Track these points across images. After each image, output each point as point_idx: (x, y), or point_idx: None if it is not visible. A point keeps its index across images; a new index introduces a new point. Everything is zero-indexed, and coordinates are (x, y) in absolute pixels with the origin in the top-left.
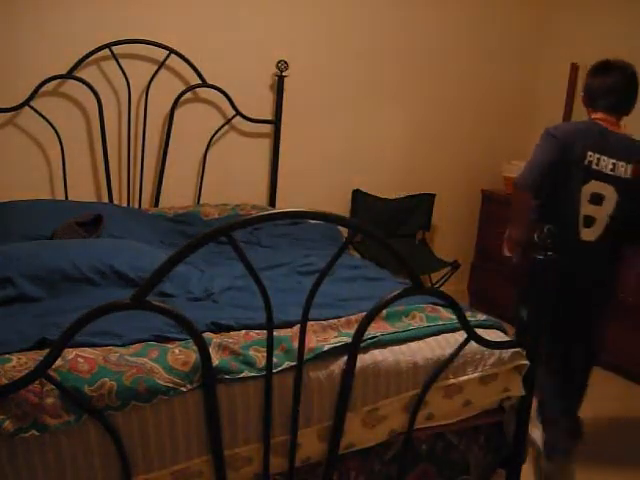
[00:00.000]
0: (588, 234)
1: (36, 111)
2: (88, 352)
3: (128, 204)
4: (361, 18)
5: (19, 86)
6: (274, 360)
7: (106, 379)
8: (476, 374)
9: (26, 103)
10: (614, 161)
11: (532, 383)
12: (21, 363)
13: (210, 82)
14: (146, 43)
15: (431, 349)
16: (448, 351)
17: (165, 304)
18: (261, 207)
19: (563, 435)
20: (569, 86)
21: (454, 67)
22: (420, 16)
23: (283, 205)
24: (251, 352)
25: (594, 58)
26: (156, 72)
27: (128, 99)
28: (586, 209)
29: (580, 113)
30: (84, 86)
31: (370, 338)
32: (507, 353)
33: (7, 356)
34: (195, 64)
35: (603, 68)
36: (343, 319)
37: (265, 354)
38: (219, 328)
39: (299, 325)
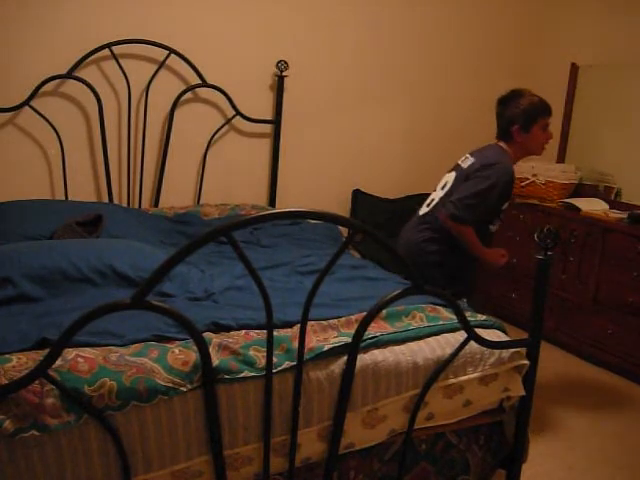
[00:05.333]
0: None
1: (36, 111)
2: (88, 352)
3: (128, 204)
4: (361, 18)
5: (19, 86)
6: (274, 360)
7: (106, 379)
8: (476, 374)
9: (26, 103)
10: None
11: (532, 383)
12: (21, 363)
13: (210, 82)
14: (146, 43)
15: (431, 349)
16: (448, 351)
17: (165, 304)
18: (261, 207)
19: None
20: (569, 86)
21: (454, 67)
22: (420, 16)
23: (283, 205)
24: (251, 352)
25: (594, 58)
26: (156, 72)
27: (128, 99)
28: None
29: (580, 113)
30: (84, 86)
31: (370, 338)
32: (507, 353)
33: (7, 356)
34: (195, 64)
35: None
36: (343, 319)
37: (265, 354)
38: (219, 328)
39: (299, 325)
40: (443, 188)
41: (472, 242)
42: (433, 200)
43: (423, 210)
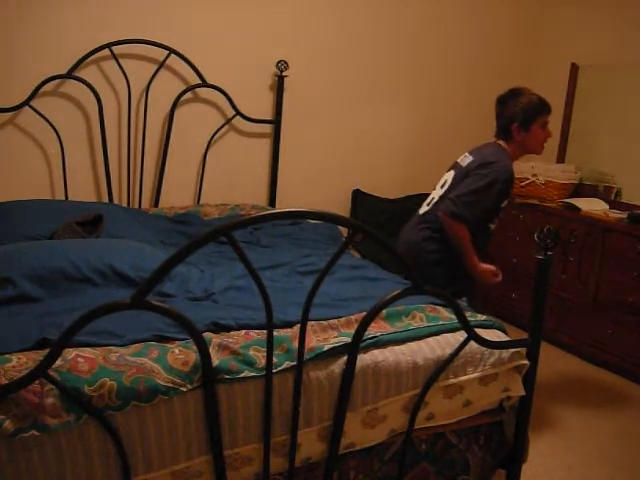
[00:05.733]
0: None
1: (36, 111)
2: (88, 352)
3: (128, 204)
4: (361, 19)
5: (19, 86)
6: (274, 360)
7: (106, 379)
8: (476, 374)
9: (26, 103)
10: None
11: (532, 383)
12: (21, 363)
13: (210, 82)
14: (146, 43)
15: (431, 349)
16: (448, 351)
17: (165, 304)
18: (261, 207)
19: None
20: (569, 86)
21: (454, 67)
22: (421, 16)
23: (283, 205)
24: (251, 352)
25: (594, 58)
26: (156, 72)
27: (128, 99)
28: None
29: (579, 113)
30: (84, 86)
31: (370, 338)
32: (507, 353)
33: (7, 356)
34: (195, 64)
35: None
36: (343, 319)
37: (265, 354)
38: (219, 328)
39: (299, 325)
40: (443, 187)
41: (465, 243)
42: (433, 199)
43: (423, 209)
